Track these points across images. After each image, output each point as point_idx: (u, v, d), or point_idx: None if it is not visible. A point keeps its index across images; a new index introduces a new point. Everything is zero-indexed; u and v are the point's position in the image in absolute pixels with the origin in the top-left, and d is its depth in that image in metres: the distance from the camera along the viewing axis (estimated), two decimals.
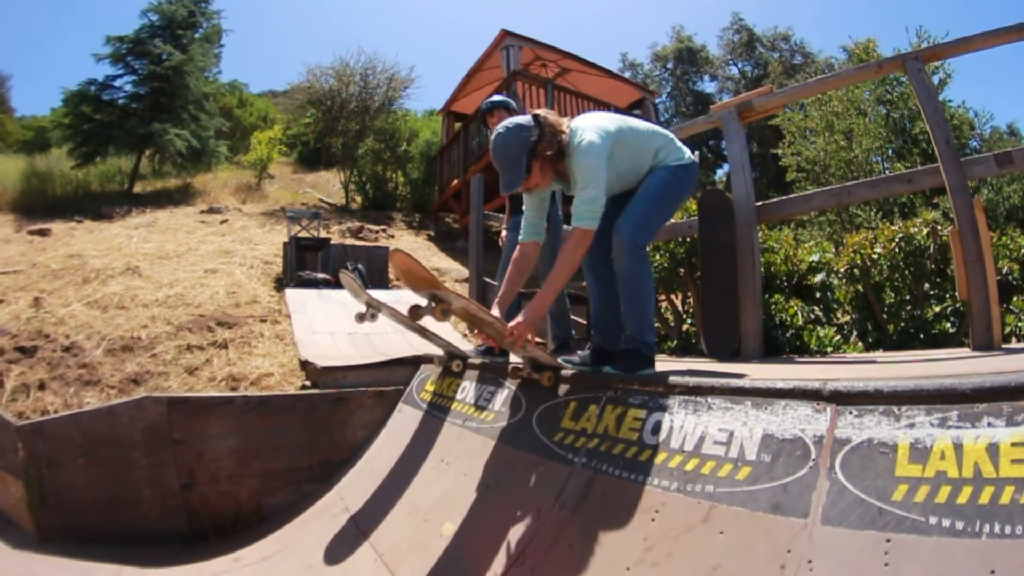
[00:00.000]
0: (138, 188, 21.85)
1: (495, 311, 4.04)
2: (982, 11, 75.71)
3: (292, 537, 5.15)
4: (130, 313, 8.76)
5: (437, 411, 5.49)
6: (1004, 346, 4.79)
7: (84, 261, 11.42)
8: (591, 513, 3.11)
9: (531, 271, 4.38)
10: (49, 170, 21.21)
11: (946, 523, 1.95)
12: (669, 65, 46.66)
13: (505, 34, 17.65)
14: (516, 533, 3.34)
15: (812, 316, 7.04)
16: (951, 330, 6.18)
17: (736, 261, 5.99)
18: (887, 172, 15.43)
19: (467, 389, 5.31)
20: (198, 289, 9.86)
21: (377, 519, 4.62)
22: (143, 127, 20.55)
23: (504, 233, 6.57)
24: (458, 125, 20.46)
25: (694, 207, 7.02)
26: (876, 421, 2.35)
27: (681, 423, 3.04)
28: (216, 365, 7.51)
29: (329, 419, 6.00)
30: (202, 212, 17.95)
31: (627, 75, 41.24)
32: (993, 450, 2.00)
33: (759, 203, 6.17)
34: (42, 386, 7.16)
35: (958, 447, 2.08)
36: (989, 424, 2.08)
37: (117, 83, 22.01)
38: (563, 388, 4.07)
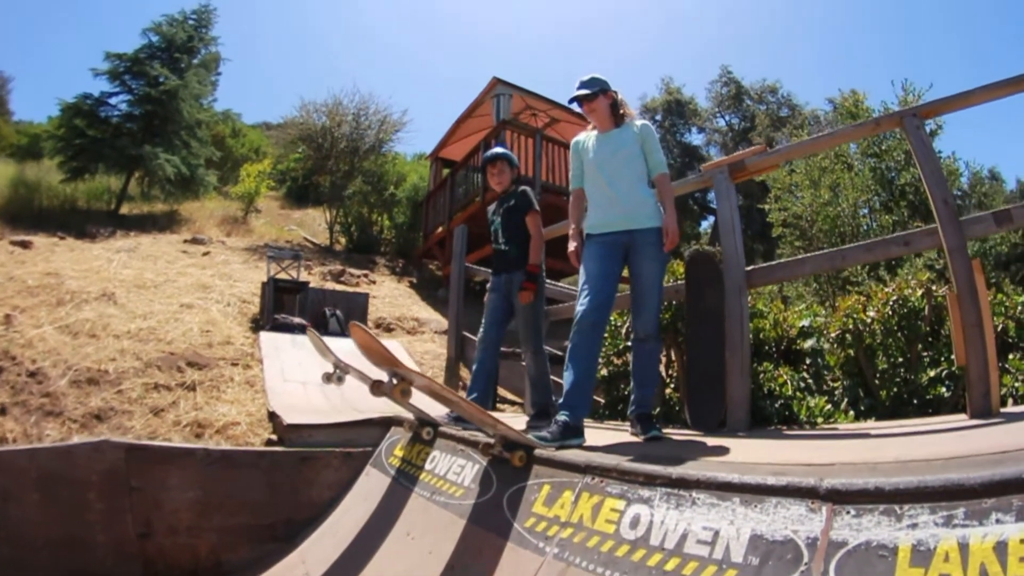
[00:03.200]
0: (124, 209, 21.73)
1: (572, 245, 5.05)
2: (955, 63, 77.82)
3: None
4: (100, 343, 8.58)
5: (405, 479, 5.26)
6: (1002, 410, 4.65)
7: (61, 281, 11.22)
8: None
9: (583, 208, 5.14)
10: (38, 181, 21.09)
11: None
12: (658, 117, 47.26)
13: (496, 82, 17.76)
14: None
15: (802, 384, 6.74)
16: (946, 394, 5.94)
17: (724, 328, 5.79)
18: (874, 225, 15.76)
19: (437, 459, 5.07)
20: (172, 324, 9.68)
21: None
22: (134, 148, 20.47)
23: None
24: (446, 171, 20.51)
25: (680, 270, 6.83)
26: (876, 521, 2.11)
27: (662, 518, 2.78)
28: (182, 408, 7.35)
29: (294, 478, 5.81)
30: (185, 241, 17.79)
31: None
32: (1001, 548, 1.80)
33: (750, 267, 5.99)
34: (3, 411, 6.97)
35: (963, 547, 1.87)
36: (997, 520, 1.87)
37: (113, 100, 22.01)
38: (537, 470, 3.83)
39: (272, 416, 6.86)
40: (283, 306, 11.24)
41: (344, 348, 10.04)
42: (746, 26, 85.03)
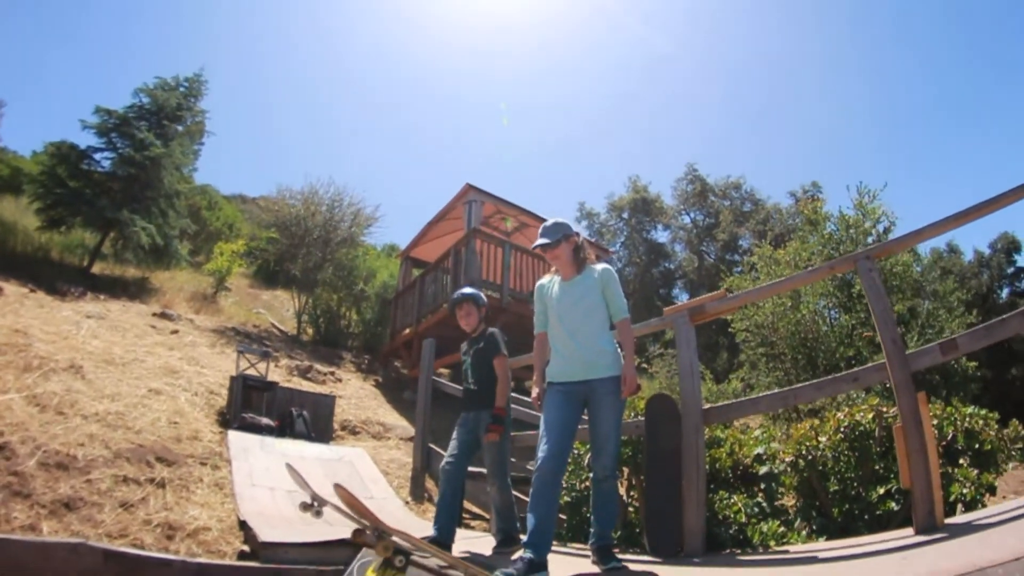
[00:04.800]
0: (96, 268, 21.65)
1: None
2: (915, 151, 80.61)
3: None
4: (69, 422, 8.48)
5: None
6: (947, 522, 4.96)
7: (30, 342, 11.11)
8: None
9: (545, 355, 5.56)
10: (14, 222, 21.38)
11: None
12: (624, 215, 48.67)
13: (469, 188, 18.22)
14: None
15: (756, 509, 7.10)
16: (895, 508, 6.26)
17: (681, 463, 6.21)
18: (834, 325, 16.29)
19: None
20: (140, 410, 9.60)
21: None
22: (112, 211, 20.54)
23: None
24: (416, 271, 21.01)
25: (641, 406, 7.26)
26: None
27: None
28: (152, 506, 7.27)
29: None
30: (155, 315, 17.72)
31: (583, 224, 42.75)
32: None
33: (706, 407, 6.50)
34: None
35: None
36: None
37: (97, 156, 22.16)
38: None
39: (243, 525, 6.95)
40: (251, 403, 11.22)
41: (312, 453, 10.13)
42: (711, 121, 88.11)
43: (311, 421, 11.59)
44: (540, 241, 5.49)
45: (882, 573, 2.73)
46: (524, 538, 4.78)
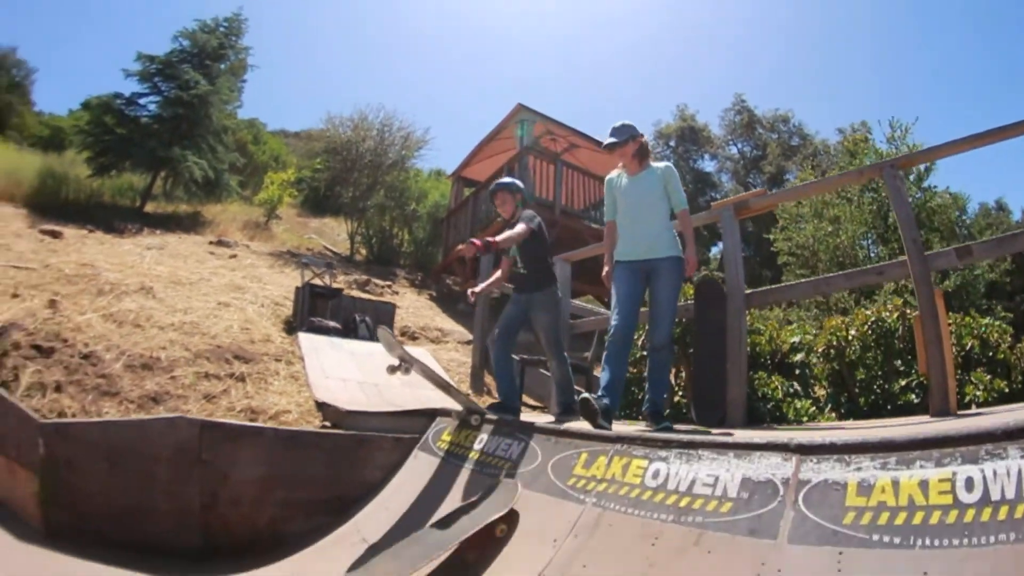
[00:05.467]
0: (149, 208, 22.30)
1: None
2: (966, 86, 78.20)
3: (309, 559, 5.54)
4: (146, 332, 9.00)
5: (454, 458, 6.02)
6: (959, 412, 5.46)
7: (98, 272, 11.66)
8: (602, 541, 3.76)
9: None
10: (65, 173, 21.72)
11: (886, 539, 2.63)
12: (672, 143, 47.73)
13: (520, 108, 18.28)
14: (535, 558, 3.91)
15: (791, 390, 7.82)
16: (916, 400, 6.83)
17: (726, 341, 6.72)
18: (872, 256, 16.86)
19: (484, 441, 5.92)
20: (212, 320, 10.10)
21: None
22: (163, 149, 21.10)
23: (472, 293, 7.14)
24: (467, 191, 21.19)
25: (691, 292, 7.77)
26: (831, 467, 3.08)
27: (676, 470, 3.79)
28: (234, 396, 7.80)
29: (350, 458, 6.40)
30: (211, 243, 18.26)
31: None
32: (924, 485, 2.72)
33: (749, 291, 7.01)
34: (59, 388, 7.41)
35: (895, 484, 2.80)
36: (921, 466, 2.80)
37: (142, 101, 22.68)
38: (576, 442, 4.80)
39: (321, 406, 7.38)
40: (316, 310, 11.61)
41: (379, 351, 10.54)
42: (760, 54, 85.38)
43: (373, 327, 11.95)
44: (609, 140, 6.03)
45: (894, 432, 3.16)
46: (600, 392, 5.49)
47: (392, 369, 6.22)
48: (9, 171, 20.60)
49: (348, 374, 8.74)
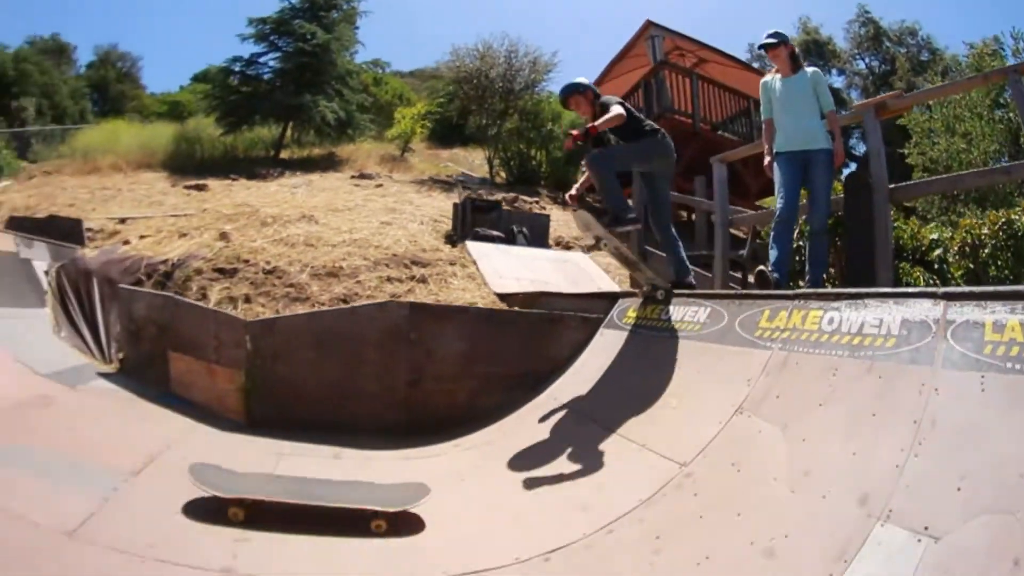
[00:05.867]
0: (283, 155, 23.41)
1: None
2: None
3: (509, 426, 6.08)
4: (319, 250, 9.50)
5: (643, 329, 6.49)
6: None
7: (255, 209, 12.33)
8: (790, 376, 4.43)
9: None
10: (197, 135, 23.06)
11: (1018, 367, 3.14)
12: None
13: (649, 24, 18.40)
14: (733, 394, 4.62)
15: (932, 282, 8.25)
16: None
17: (873, 232, 7.11)
18: None
19: (670, 311, 6.31)
20: (380, 236, 10.53)
21: (598, 407, 5.77)
22: (293, 98, 22.14)
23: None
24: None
25: (839, 187, 8.14)
26: (971, 310, 3.61)
27: (847, 316, 4.42)
28: (419, 294, 8.24)
29: (542, 335, 6.77)
30: (353, 178, 18.89)
31: (755, 66, 41.17)
32: None
33: (892, 185, 7.35)
34: (248, 299, 8.08)
35: (1023, 324, 3.31)
36: None
37: (262, 60, 24.16)
38: (759, 302, 5.35)
39: (504, 297, 7.81)
40: (475, 224, 11.87)
41: (542, 255, 10.80)
42: None
43: (530, 237, 12.12)
44: (766, 40, 6.75)
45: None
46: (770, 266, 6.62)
47: (591, 248, 6.44)
48: (142, 143, 22.32)
49: (520, 274, 9.04)
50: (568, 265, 10.59)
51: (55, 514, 3.70)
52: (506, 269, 9.29)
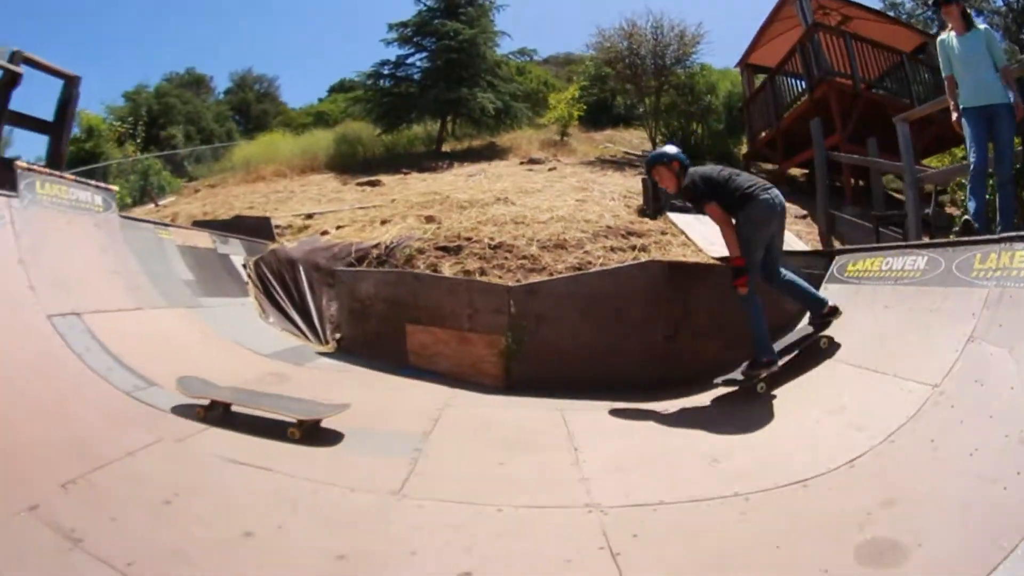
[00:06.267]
0: (445, 148, 24.29)
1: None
2: None
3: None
4: (532, 227, 10.05)
5: (866, 281, 6.95)
6: None
7: (445, 196, 13.04)
8: (1008, 308, 4.76)
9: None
10: (357, 137, 24.46)
11: None
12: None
13: None
14: (963, 326, 5.02)
15: None
16: None
17: None
18: None
19: (890, 262, 6.72)
20: (582, 212, 11.03)
21: (841, 349, 6.32)
22: (450, 92, 23.05)
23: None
24: (757, 77, 21.35)
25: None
26: None
27: None
28: (644, 258, 8.61)
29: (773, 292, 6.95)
30: (522, 163, 19.45)
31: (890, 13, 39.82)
32: None
33: None
34: (482, 272, 8.74)
35: None
36: None
37: (409, 60, 25.49)
38: (970, 247, 5.67)
39: (721, 261, 8.13)
40: (659, 195, 12.26)
41: None
42: None
43: None
44: None
45: None
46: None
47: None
48: (302, 150, 24.02)
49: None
50: None
51: (377, 479, 4.30)
52: (711, 235, 9.77)
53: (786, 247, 8.86)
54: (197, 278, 9.06)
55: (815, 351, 6.42)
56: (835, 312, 6.35)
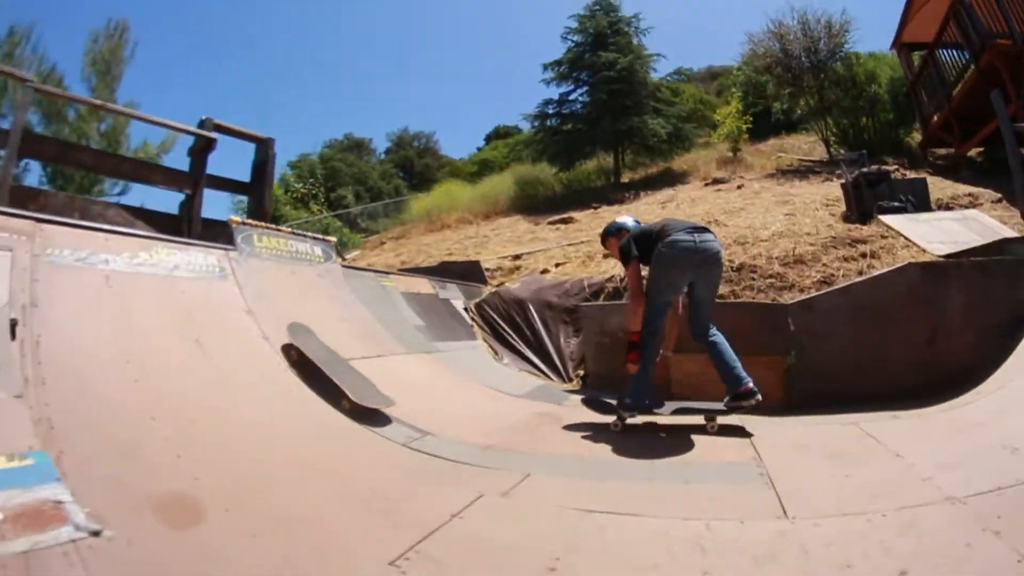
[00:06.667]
0: (623, 179, 25.04)
1: None
2: None
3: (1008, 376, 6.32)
4: (755, 247, 10.61)
5: None
6: None
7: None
8: None
9: None
10: (535, 177, 25.69)
11: None
12: None
13: None
14: None
15: None
16: None
17: None
18: None
19: None
20: (795, 226, 11.58)
21: None
22: (621, 123, 23.72)
23: None
24: (916, 56, 20.79)
25: None
26: None
27: None
28: (879, 266, 9.20)
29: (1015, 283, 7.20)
30: (707, 184, 20.04)
31: None
32: None
33: None
34: (734, 294, 9.26)
35: None
36: None
37: (571, 97, 26.55)
38: None
39: (950, 258, 8.64)
40: (864, 200, 12.71)
41: (940, 216, 11.65)
42: None
43: (916, 204, 12.83)
44: None
45: None
46: None
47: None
48: (482, 196, 25.53)
49: (940, 237, 10.10)
50: (971, 222, 11.27)
51: (746, 507, 3.97)
52: (928, 234, 10.23)
53: (992, 235, 9.31)
54: (426, 323, 9.32)
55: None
56: (750, 396, 5.92)
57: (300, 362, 5.72)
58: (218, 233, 7.35)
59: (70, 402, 3.71)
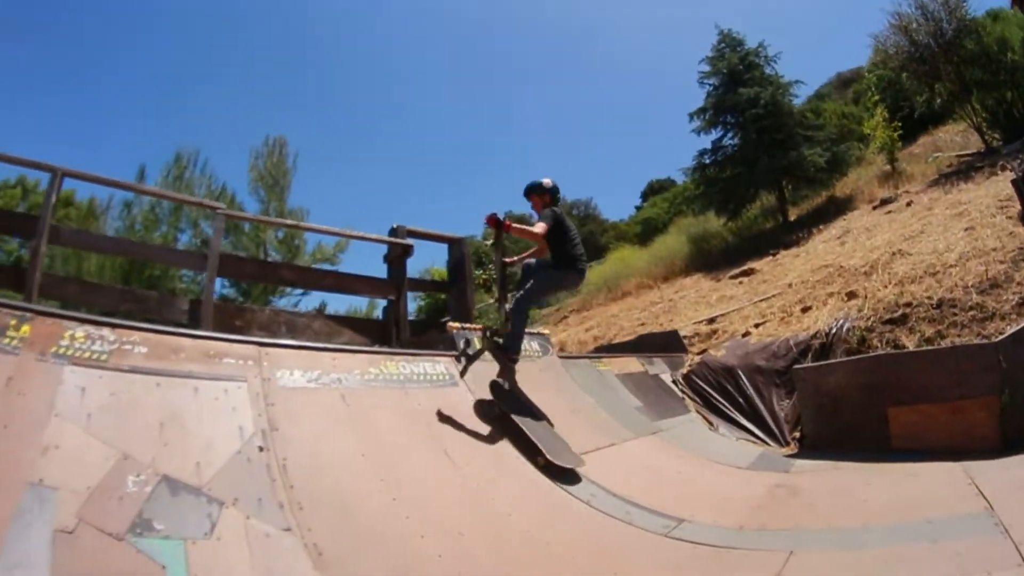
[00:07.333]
0: (791, 216, 24.87)
1: None
2: None
3: None
4: (947, 275, 10.78)
5: None
6: None
7: (838, 266, 14.17)
8: None
9: None
10: (705, 231, 26.07)
11: None
12: None
13: None
14: None
15: None
16: None
17: None
18: None
19: None
20: (976, 242, 11.77)
21: None
22: (780, 158, 23.71)
23: None
24: None
25: None
26: None
27: None
28: None
29: None
30: (875, 208, 19.88)
31: None
32: None
33: None
34: (940, 335, 9.45)
35: None
36: None
37: (723, 143, 26.57)
38: None
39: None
40: None
41: None
42: None
43: None
44: None
45: None
46: None
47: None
48: (657, 258, 26.06)
49: None
50: None
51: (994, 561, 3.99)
52: None
53: None
54: (644, 403, 9.51)
55: None
56: (511, 360, 7.12)
57: (547, 467, 6.03)
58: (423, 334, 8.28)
59: (334, 526, 4.06)
